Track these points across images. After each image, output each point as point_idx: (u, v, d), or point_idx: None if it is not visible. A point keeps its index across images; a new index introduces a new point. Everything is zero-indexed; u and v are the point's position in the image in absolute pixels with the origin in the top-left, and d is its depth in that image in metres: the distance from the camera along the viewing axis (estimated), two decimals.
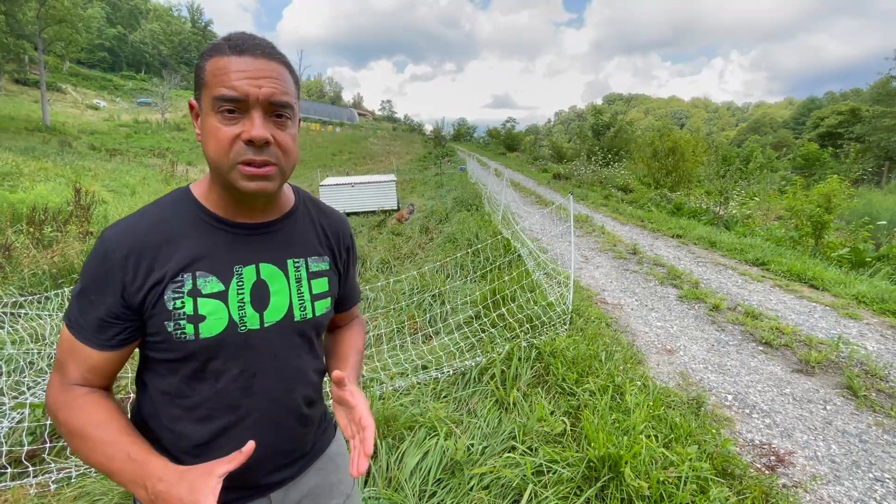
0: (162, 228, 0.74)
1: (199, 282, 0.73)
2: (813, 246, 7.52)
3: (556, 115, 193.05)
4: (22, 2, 24.69)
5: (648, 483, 1.79)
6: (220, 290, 0.75)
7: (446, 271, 5.16)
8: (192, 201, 0.77)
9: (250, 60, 0.68)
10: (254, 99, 0.67)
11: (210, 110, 0.68)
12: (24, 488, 2.00)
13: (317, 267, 0.87)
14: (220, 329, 0.74)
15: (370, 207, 13.26)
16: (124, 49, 66.25)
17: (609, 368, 2.78)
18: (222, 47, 0.68)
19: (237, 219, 0.78)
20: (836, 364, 3.19)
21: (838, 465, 2.22)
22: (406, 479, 1.89)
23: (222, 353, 0.75)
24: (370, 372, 2.99)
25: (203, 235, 0.75)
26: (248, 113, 0.68)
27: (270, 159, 0.70)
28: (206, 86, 0.69)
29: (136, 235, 0.72)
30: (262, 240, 0.80)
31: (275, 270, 0.80)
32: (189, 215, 0.76)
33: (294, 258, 0.83)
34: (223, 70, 0.67)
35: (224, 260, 0.76)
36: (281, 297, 0.80)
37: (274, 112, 0.70)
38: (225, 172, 0.70)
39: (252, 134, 0.67)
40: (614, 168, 20.66)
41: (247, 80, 0.67)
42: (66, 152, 18.70)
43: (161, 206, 0.77)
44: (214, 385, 0.76)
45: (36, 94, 33.96)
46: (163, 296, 0.71)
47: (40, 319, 3.12)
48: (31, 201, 7.97)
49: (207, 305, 0.73)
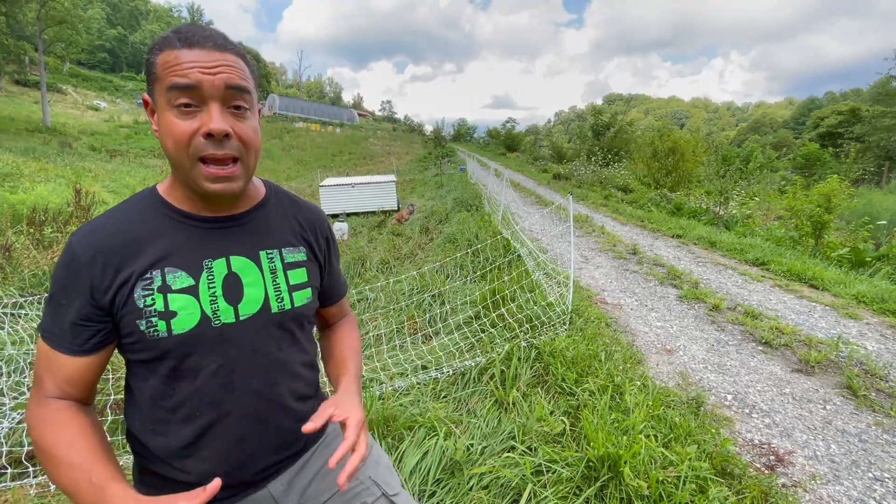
0: (128, 228, 0.73)
1: (168, 277, 0.72)
2: (813, 246, 7.52)
3: (555, 115, 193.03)
4: (22, 3, 24.70)
5: (648, 483, 1.79)
6: (190, 284, 0.74)
7: (446, 271, 5.16)
8: (157, 199, 0.77)
9: (202, 52, 0.66)
10: (209, 86, 0.65)
11: (165, 105, 0.66)
12: (24, 488, 2.00)
13: (292, 258, 0.85)
14: (193, 324, 0.73)
15: (370, 208, 13.27)
16: (125, 50, 66.29)
17: (608, 368, 2.78)
18: (172, 40, 0.66)
19: (204, 213, 0.78)
20: (836, 364, 3.19)
21: (838, 464, 2.22)
22: (405, 479, 1.89)
23: (198, 348, 0.74)
24: (370, 372, 2.99)
25: (170, 232, 0.75)
26: (206, 105, 0.66)
27: (232, 153, 0.69)
28: (157, 79, 0.67)
29: (101, 237, 0.72)
30: (232, 232, 0.79)
31: (247, 262, 0.79)
32: (155, 213, 0.76)
33: (267, 249, 0.82)
34: (175, 61, 0.65)
35: (193, 255, 0.75)
36: (255, 290, 0.79)
37: (232, 102, 0.68)
38: (187, 170, 0.69)
39: (210, 126, 0.65)
40: (614, 168, 20.66)
41: (200, 69, 0.65)
42: (67, 153, 18.71)
43: (127, 207, 0.77)
44: (193, 382, 0.75)
45: (36, 95, 33.96)
46: (132, 294, 0.71)
47: (40, 320, 3.12)
48: (31, 202, 7.98)
49: (178, 301, 0.72)
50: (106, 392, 2.49)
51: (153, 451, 0.78)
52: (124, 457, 2.02)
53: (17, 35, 26.07)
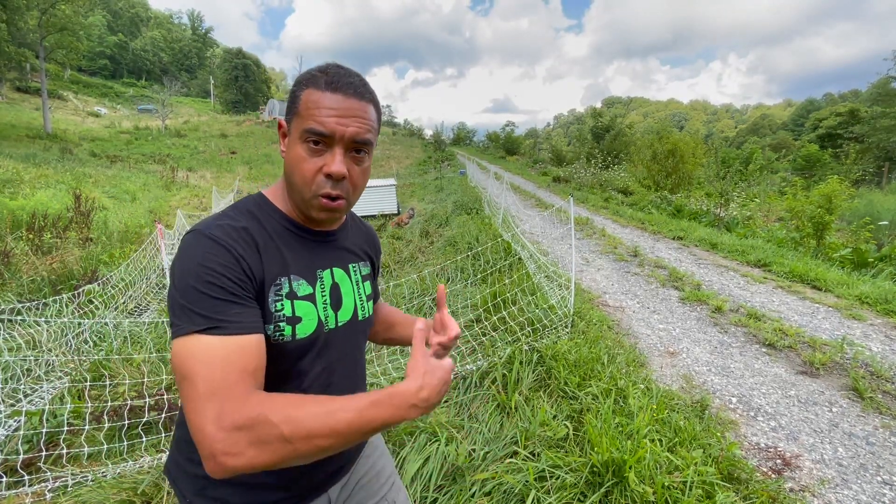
0: (259, 231, 0.77)
1: (293, 284, 0.78)
2: (814, 247, 7.50)
3: (555, 118, 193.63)
4: (23, 10, 24.85)
5: (653, 488, 1.76)
6: (309, 292, 0.80)
7: (447, 275, 5.14)
8: (272, 208, 0.82)
9: (342, 99, 0.73)
10: (339, 137, 0.73)
11: (298, 139, 0.74)
12: (20, 497, 1.97)
13: (365, 271, 0.96)
14: (312, 329, 0.79)
15: (370, 212, 13.26)
16: (125, 56, 66.64)
17: (611, 371, 2.75)
18: (318, 81, 0.74)
19: (311, 227, 0.85)
20: (841, 365, 3.16)
21: (846, 468, 2.19)
22: (407, 486, 1.86)
23: (311, 352, 0.80)
24: (370, 377, 2.96)
25: (290, 242, 0.81)
26: (332, 148, 0.74)
27: (342, 193, 0.77)
28: (298, 115, 0.74)
29: (244, 232, 0.73)
30: (331, 247, 0.88)
31: (343, 274, 0.89)
32: (274, 222, 0.80)
33: (352, 263, 0.92)
34: (316, 105, 0.73)
35: (308, 265, 0.82)
36: (349, 299, 0.88)
37: (354, 148, 0.76)
38: (306, 200, 0.77)
39: (332, 169, 0.74)
40: (614, 171, 20.68)
41: (336, 118, 0.72)
42: (67, 159, 18.74)
43: (243, 211, 0.79)
44: (301, 384, 0.80)
45: (37, 101, 34.12)
46: (267, 298, 0.74)
47: (38, 326, 3.10)
48: (31, 208, 7.97)
49: (302, 307, 0.78)
50: (103, 399, 2.47)
51: None
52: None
53: (18, 42, 26.19)
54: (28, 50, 27.68)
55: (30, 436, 2.24)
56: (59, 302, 3.68)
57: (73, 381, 2.66)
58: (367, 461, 1.00)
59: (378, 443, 1.06)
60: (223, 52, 72.61)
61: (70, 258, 5.44)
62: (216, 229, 0.70)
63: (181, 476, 0.81)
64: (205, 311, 0.63)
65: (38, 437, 2.21)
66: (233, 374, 0.61)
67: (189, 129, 39.95)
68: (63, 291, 4.46)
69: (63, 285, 4.74)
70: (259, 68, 66.42)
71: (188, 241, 0.69)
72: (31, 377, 2.74)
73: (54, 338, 3.10)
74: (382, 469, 1.02)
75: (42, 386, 2.69)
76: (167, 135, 36.28)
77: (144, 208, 12.26)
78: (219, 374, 0.60)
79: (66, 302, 3.74)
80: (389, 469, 1.05)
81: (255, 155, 31.49)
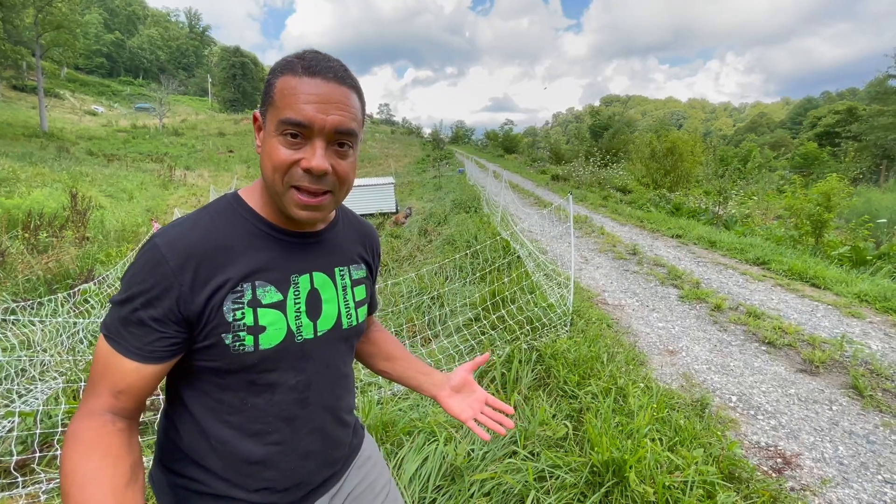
0: (217, 237, 0.71)
1: (258, 292, 0.71)
2: (813, 245, 7.50)
3: (553, 117, 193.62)
4: (20, 8, 24.70)
5: (654, 488, 1.75)
6: (278, 299, 0.74)
7: (445, 273, 5.12)
8: (244, 208, 0.76)
9: (321, 83, 0.67)
10: (319, 127, 0.66)
11: (274, 130, 0.68)
12: (13, 499, 1.95)
13: (357, 274, 0.88)
14: (279, 339, 0.73)
15: (369, 210, 13.24)
16: (122, 55, 66.35)
17: (611, 370, 2.74)
18: (295, 67, 0.67)
19: (290, 228, 0.78)
20: (841, 363, 3.15)
21: (846, 467, 2.18)
22: (405, 486, 1.84)
23: (281, 364, 0.74)
24: (368, 376, 2.95)
25: (260, 244, 0.74)
26: (311, 140, 0.67)
27: (327, 187, 0.70)
28: (273, 105, 0.68)
29: (193, 241, 0.68)
30: (313, 249, 0.81)
31: (325, 279, 0.81)
32: (244, 222, 0.74)
33: (339, 266, 0.85)
34: (292, 91, 0.66)
35: (281, 269, 0.75)
36: (331, 306, 0.81)
37: (337, 140, 0.69)
38: (279, 194, 0.70)
39: (312, 164, 0.67)
40: (612, 169, 20.67)
41: (315, 105, 0.66)
42: (64, 158, 18.66)
43: (212, 214, 0.74)
44: (271, 398, 0.75)
45: (34, 100, 33.94)
46: (222, 307, 0.68)
47: (32, 326, 3.07)
48: (27, 207, 7.92)
49: (267, 316, 0.72)
50: None
51: (212, 471, 0.74)
52: None
53: (15, 40, 26.04)
54: (24, 48, 27.55)
55: (24, 437, 2.22)
56: (55, 301, 3.65)
57: (67, 381, 2.64)
58: (360, 472, 0.94)
59: (371, 452, 0.99)
60: (221, 51, 72.35)
61: (66, 257, 5.41)
62: (162, 238, 0.67)
63: (162, 490, 0.79)
64: (112, 320, 0.68)
65: (33, 439, 2.19)
66: (101, 384, 0.67)
67: (186, 128, 39.83)
68: (59, 291, 4.43)
69: (59, 284, 4.70)
70: (257, 66, 66.26)
71: (142, 248, 0.69)
72: (26, 377, 2.71)
73: (49, 337, 3.07)
74: (376, 480, 0.96)
75: (36, 386, 2.66)
76: (164, 133, 36.16)
77: (141, 207, 12.22)
78: (96, 378, 0.67)
79: (62, 301, 3.71)
80: (384, 480, 0.99)
81: (253, 153, 31.37)
